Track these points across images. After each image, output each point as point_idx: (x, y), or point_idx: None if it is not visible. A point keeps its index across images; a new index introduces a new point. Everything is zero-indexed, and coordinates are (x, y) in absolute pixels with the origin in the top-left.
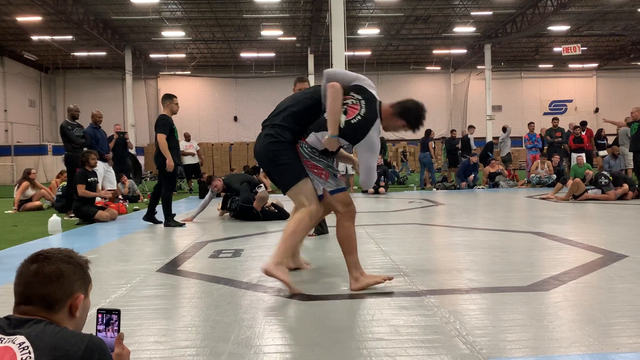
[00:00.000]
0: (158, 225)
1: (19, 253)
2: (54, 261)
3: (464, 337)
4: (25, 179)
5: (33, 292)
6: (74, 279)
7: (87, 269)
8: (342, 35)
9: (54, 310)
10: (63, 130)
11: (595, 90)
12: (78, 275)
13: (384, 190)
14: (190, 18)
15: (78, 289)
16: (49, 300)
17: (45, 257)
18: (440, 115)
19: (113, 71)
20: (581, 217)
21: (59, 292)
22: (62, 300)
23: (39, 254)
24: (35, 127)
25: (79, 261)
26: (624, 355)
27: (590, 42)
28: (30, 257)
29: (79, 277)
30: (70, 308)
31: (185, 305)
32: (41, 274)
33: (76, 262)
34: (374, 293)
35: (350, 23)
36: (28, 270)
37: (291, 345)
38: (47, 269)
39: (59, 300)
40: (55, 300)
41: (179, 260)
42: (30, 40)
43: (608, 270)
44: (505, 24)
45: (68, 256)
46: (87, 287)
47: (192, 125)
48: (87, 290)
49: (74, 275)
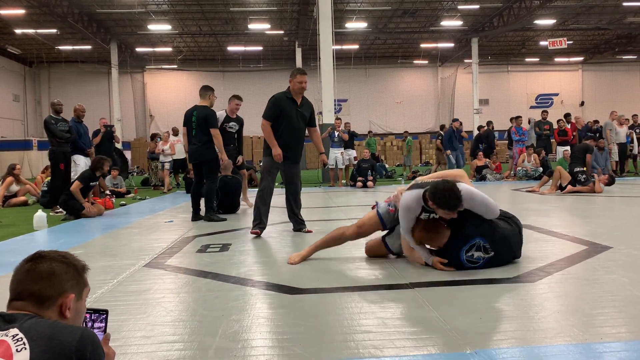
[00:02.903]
0: (146, 221)
1: (5, 249)
2: (48, 260)
3: (451, 329)
4: (10, 174)
5: (24, 289)
6: (66, 279)
7: (83, 273)
8: (330, 29)
9: (44, 307)
10: (47, 125)
11: (581, 83)
12: (70, 276)
13: (372, 184)
14: (176, 11)
15: (69, 288)
16: (39, 296)
17: (40, 256)
18: (427, 109)
19: (99, 65)
20: (567, 209)
21: (48, 290)
22: (52, 298)
23: (35, 254)
24: (19, 122)
25: (73, 262)
26: (607, 344)
27: (576, 35)
28: (28, 257)
29: (71, 278)
30: (61, 307)
31: (172, 300)
32: (33, 271)
33: (70, 263)
34: (361, 286)
35: (337, 17)
36: (22, 268)
37: (279, 339)
38: (39, 267)
39: (48, 297)
40: (45, 297)
41: (166, 255)
42: (13, 33)
43: (593, 261)
44: (492, 17)
45: (63, 257)
46: (80, 290)
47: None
48: (80, 292)
49: (66, 275)
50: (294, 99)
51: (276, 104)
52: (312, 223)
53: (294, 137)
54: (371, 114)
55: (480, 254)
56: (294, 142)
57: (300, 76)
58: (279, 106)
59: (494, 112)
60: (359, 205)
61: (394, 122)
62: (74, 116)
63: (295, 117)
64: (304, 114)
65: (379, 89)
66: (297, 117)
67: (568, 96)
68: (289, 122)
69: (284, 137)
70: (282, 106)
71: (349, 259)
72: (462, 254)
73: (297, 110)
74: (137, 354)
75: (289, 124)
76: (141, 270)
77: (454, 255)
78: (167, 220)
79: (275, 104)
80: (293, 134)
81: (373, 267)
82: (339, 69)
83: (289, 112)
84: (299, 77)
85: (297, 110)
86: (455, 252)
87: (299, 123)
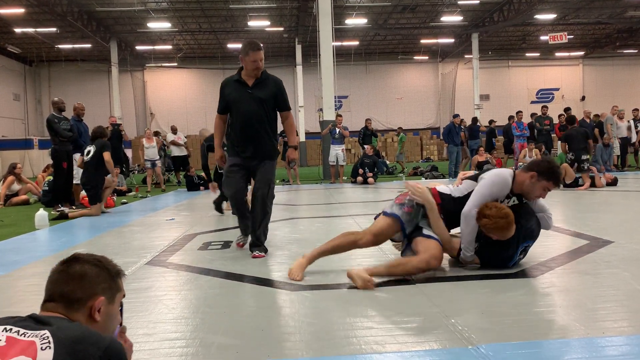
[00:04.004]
0: (147, 219)
1: (7, 248)
2: (81, 262)
3: (453, 325)
4: (11, 173)
5: (56, 290)
6: (97, 282)
7: (117, 278)
8: (330, 26)
9: (73, 308)
10: (50, 123)
11: (581, 78)
12: (102, 279)
13: (373, 180)
14: (176, 9)
15: (101, 292)
16: (69, 298)
17: (74, 258)
18: (428, 105)
19: (99, 64)
20: (568, 204)
21: (79, 292)
22: (81, 300)
23: (71, 256)
24: (20, 121)
25: (107, 266)
26: (609, 339)
27: (577, 30)
28: (64, 259)
29: (103, 281)
30: (91, 310)
31: (174, 297)
32: (65, 272)
33: (104, 266)
34: None
35: (337, 13)
36: (56, 269)
37: (281, 335)
38: (72, 269)
39: (78, 299)
40: (75, 299)
41: (167, 252)
42: (13, 32)
43: (594, 256)
44: (492, 12)
45: (98, 260)
46: (113, 294)
47: (179, 118)
48: (113, 297)
49: (98, 278)
50: (244, 80)
51: (222, 92)
52: (314, 220)
53: (249, 127)
54: (372, 110)
55: (523, 255)
56: (252, 133)
57: (253, 53)
58: (224, 94)
59: (494, 107)
60: (360, 201)
61: (394, 118)
62: (74, 115)
63: (246, 101)
64: (258, 96)
65: (379, 85)
66: (249, 101)
67: (569, 91)
68: (238, 109)
69: (236, 128)
70: (228, 93)
71: (350, 255)
72: (519, 251)
73: (247, 93)
74: (140, 352)
75: (238, 111)
76: (143, 268)
77: (510, 252)
78: (169, 218)
79: (221, 92)
80: (247, 122)
81: (374, 263)
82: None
83: (236, 97)
84: (252, 55)
85: (247, 92)
86: (514, 248)
87: (254, 107)
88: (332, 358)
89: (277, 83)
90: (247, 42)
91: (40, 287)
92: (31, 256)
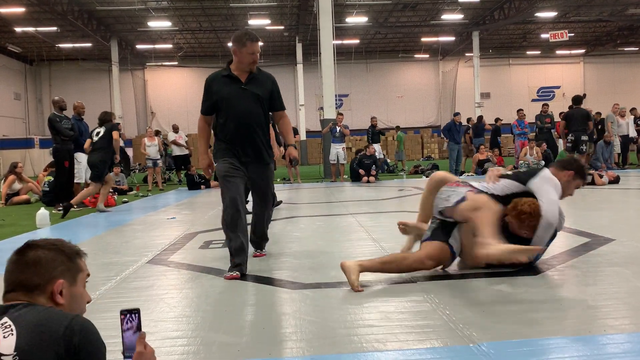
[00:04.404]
0: (148, 217)
1: (7, 247)
2: (35, 248)
3: (454, 322)
4: (12, 172)
5: (14, 279)
6: (53, 266)
7: (77, 258)
8: (330, 24)
9: (34, 295)
10: (52, 122)
11: (582, 76)
12: (59, 262)
13: (374, 178)
14: (176, 8)
15: (59, 275)
16: (27, 285)
17: (27, 246)
18: (429, 103)
19: (99, 63)
20: (569, 201)
21: (35, 278)
22: (40, 286)
23: (24, 244)
24: (21, 120)
25: (62, 249)
26: (610, 337)
27: (578, 28)
28: (18, 248)
29: (61, 264)
30: (52, 294)
31: (175, 296)
32: (20, 260)
33: (59, 249)
34: (364, 280)
35: (338, 11)
36: (11, 259)
37: (282, 333)
38: (26, 257)
39: (36, 285)
40: (33, 285)
41: (168, 251)
42: (13, 31)
43: (595, 253)
44: (493, 10)
45: (52, 244)
46: (73, 275)
47: (180, 117)
48: (74, 278)
49: (54, 262)
50: (236, 75)
51: (208, 89)
52: (315, 218)
53: (245, 127)
54: (372, 109)
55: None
56: (248, 134)
57: (251, 44)
58: (212, 91)
59: (495, 105)
60: (361, 199)
61: (395, 117)
62: (75, 114)
63: (241, 98)
64: (254, 92)
65: (380, 84)
66: (244, 98)
67: (570, 89)
68: (232, 108)
69: (229, 129)
70: (217, 90)
71: (351, 253)
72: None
73: (242, 89)
74: None
75: (232, 109)
76: (144, 267)
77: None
78: (170, 217)
79: (207, 90)
80: (243, 122)
81: None
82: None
83: (229, 94)
84: (251, 46)
85: (241, 89)
86: (546, 245)
87: (250, 105)
88: (333, 356)
89: (272, 79)
90: (244, 32)
91: None
92: None
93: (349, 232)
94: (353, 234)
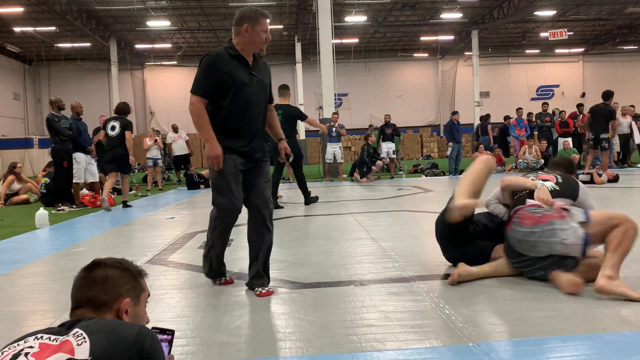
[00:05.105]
0: (148, 217)
1: (6, 248)
2: (103, 267)
3: (453, 322)
4: (11, 172)
5: (81, 296)
6: (121, 283)
7: (140, 278)
8: (329, 23)
9: (101, 312)
10: (50, 122)
11: (581, 74)
12: (125, 280)
13: (372, 178)
14: (175, 7)
15: (125, 293)
16: (95, 302)
17: (95, 264)
18: (428, 102)
19: (98, 62)
20: None
21: (103, 295)
22: (107, 303)
23: (92, 262)
24: (20, 120)
25: (128, 268)
26: (610, 335)
27: (577, 26)
28: (86, 265)
29: (127, 282)
30: (118, 311)
31: (175, 295)
32: (88, 278)
33: (125, 268)
34: (363, 280)
35: (337, 10)
36: (79, 276)
37: (281, 333)
38: (94, 274)
39: (104, 302)
40: (101, 302)
41: (168, 251)
42: (12, 31)
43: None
44: (492, 9)
45: (119, 263)
46: (137, 295)
47: (179, 116)
48: (137, 297)
49: (120, 280)
50: (244, 57)
51: (214, 67)
52: (314, 218)
53: (253, 119)
54: (372, 108)
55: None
56: (256, 127)
57: (264, 20)
58: (221, 71)
59: (494, 104)
60: (360, 199)
61: (394, 116)
62: (73, 114)
63: (251, 84)
64: (262, 80)
65: (379, 83)
66: (254, 86)
67: (569, 87)
68: (244, 96)
69: (235, 118)
70: (228, 71)
71: (350, 253)
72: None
73: (250, 75)
74: None
75: (244, 98)
76: (144, 267)
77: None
78: (169, 217)
79: (213, 68)
80: (251, 112)
81: (375, 261)
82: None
83: (241, 80)
84: (264, 23)
85: (250, 74)
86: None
87: (260, 95)
88: (333, 356)
89: (269, 67)
90: (254, 9)
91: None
92: (32, 255)
93: (348, 231)
94: (352, 233)
